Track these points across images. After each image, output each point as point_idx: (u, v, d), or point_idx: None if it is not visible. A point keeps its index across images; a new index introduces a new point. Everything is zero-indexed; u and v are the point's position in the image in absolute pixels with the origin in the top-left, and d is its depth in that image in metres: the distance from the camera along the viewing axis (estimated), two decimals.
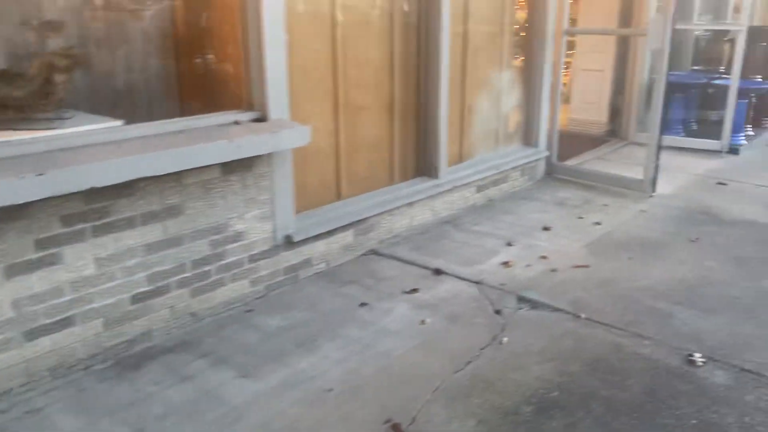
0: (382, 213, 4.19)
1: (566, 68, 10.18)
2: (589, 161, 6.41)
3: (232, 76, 3.48)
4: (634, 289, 3.59)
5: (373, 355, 2.92)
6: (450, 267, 3.88)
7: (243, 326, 3.18)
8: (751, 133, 7.29)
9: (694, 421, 2.47)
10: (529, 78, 5.52)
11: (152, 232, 2.94)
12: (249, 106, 3.37)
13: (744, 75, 6.88)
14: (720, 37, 8.18)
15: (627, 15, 7.06)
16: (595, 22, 7.15)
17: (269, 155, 3.35)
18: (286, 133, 3.21)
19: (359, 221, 4.01)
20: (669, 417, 2.50)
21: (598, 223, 4.65)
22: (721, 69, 8.17)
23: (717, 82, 7.12)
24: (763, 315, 3.31)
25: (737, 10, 7.80)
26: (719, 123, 7.90)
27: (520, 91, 5.58)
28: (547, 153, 5.72)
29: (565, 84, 9.45)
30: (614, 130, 7.38)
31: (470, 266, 3.89)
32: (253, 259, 3.41)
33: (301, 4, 3.67)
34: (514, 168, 5.36)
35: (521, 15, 5.46)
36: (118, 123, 2.94)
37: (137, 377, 2.75)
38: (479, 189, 5.02)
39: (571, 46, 9.96)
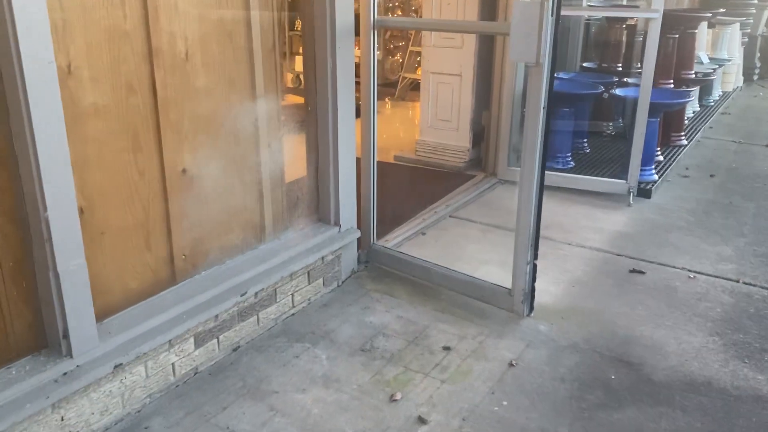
0: None
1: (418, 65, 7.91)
2: (438, 223, 4.11)
3: None
4: None
5: None
6: None
7: None
8: (661, 158, 5.30)
9: None
10: (315, 102, 3.08)
11: None
12: None
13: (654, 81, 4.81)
14: (616, 23, 6.14)
15: None
16: (449, 10, 4.80)
17: None
18: None
19: None
20: None
21: (423, 421, 2.32)
22: (618, 67, 6.16)
23: (618, 92, 5.00)
24: None
25: None
26: (618, 139, 5.93)
27: (300, 127, 3.14)
28: (356, 233, 3.33)
29: (419, 80, 7.15)
30: (480, 160, 5.14)
31: None
32: None
33: None
34: (290, 275, 2.92)
35: None
36: None
37: None
38: (205, 337, 2.56)
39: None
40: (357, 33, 3.09)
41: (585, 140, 5.58)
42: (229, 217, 2.77)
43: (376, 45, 3.14)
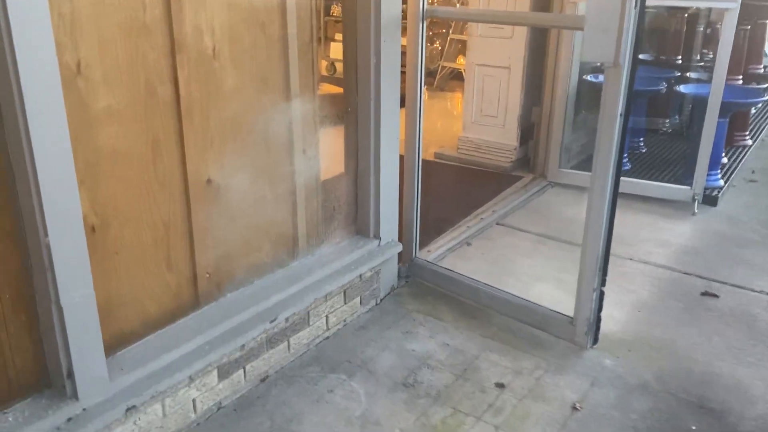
0: None
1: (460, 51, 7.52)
2: (484, 231, 3.78)
3: None
4: None
5: None
6: None
7: None
8: (725, 160, 4.87)
9: None
10: (355, 103, 2.77)
11: None
12: None
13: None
14: (677, 11, 5.67)
15: None
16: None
17: None
18: None
19: None
20: None
21: None
22: (678, 59, 5.71)
23: (683, 89, 4.58)
24: None
25: None
26: (675, 137, 5.52)
27: (338, 129, 2.83)
28: (398, 247, 3.02)
29: (460, 69, 6.78)
30: (528, 160, 4.78)
31: None
32: None
33: None
34: (325, 296, 2.63)
35: None
36: None
37: None
38: (229, 368, 2.28)
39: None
40: None
41: (641, 139, 5.18)
42: (258, 232, 2.49)
43: (424, 38, 2.80)
